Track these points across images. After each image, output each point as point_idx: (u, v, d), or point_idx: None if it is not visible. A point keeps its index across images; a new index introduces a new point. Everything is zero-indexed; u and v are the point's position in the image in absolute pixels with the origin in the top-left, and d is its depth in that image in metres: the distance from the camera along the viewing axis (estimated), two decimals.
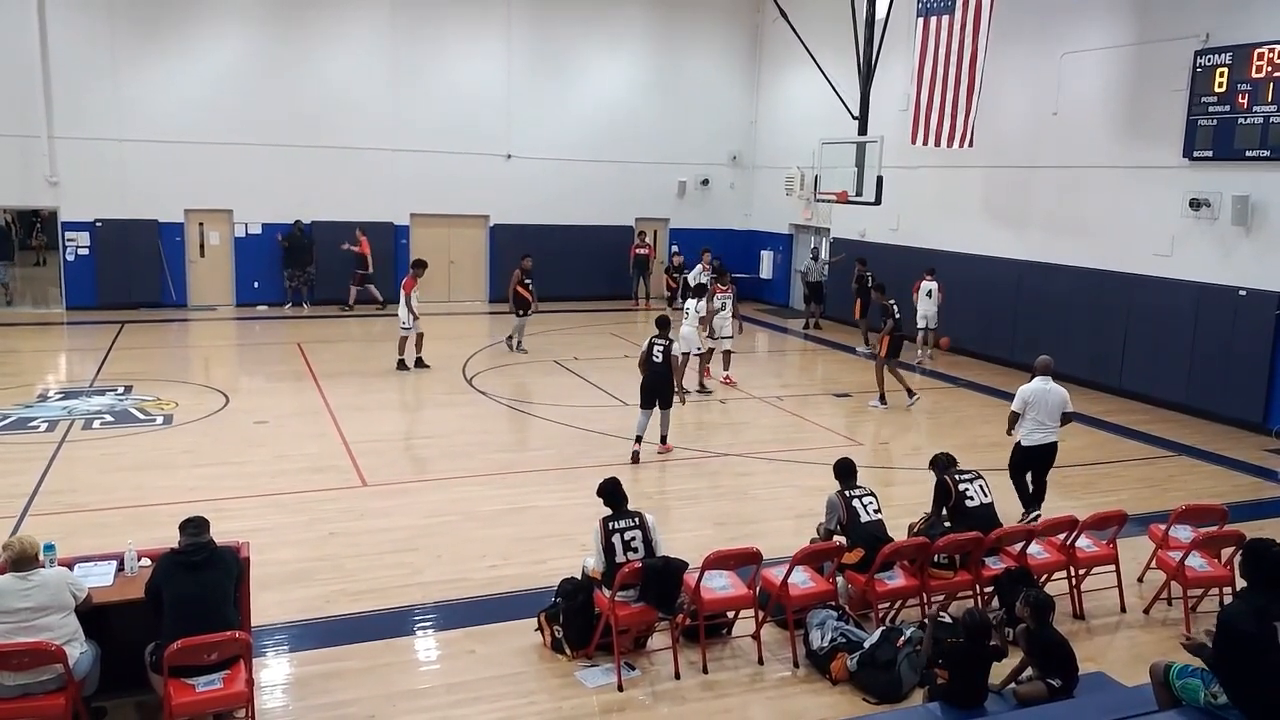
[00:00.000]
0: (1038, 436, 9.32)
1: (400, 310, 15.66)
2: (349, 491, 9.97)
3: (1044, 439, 9.33)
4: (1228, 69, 13.32)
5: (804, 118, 22.28)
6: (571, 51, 23.27)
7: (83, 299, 20.20)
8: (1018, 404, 9.38)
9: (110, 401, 13.14)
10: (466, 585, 7.84)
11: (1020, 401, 9.35)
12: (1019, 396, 9.39)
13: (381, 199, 21.97)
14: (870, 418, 13.98)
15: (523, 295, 17.12)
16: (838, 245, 21.85)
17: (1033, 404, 9.27)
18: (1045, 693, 5.83)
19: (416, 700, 6.18)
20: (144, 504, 9.22)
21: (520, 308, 17.18)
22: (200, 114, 20.32)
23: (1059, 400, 9.30)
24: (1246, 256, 13.54)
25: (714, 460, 11.57)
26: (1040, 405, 9.26)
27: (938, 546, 7.19)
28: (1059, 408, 9.29)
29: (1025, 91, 16.93)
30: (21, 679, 5.16)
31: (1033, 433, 9.33)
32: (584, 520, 8.88)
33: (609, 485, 6.90)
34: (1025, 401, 9.30)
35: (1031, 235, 17.01)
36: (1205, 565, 7.69)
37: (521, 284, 17.17)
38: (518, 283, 17.21)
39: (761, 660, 6.77)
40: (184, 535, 5.65)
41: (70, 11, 19.43)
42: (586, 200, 23.75)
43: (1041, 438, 9.32)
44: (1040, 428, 9.30)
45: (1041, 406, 9.26)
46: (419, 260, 16.28)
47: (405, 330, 15.64)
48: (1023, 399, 9.33)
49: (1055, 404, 9.27)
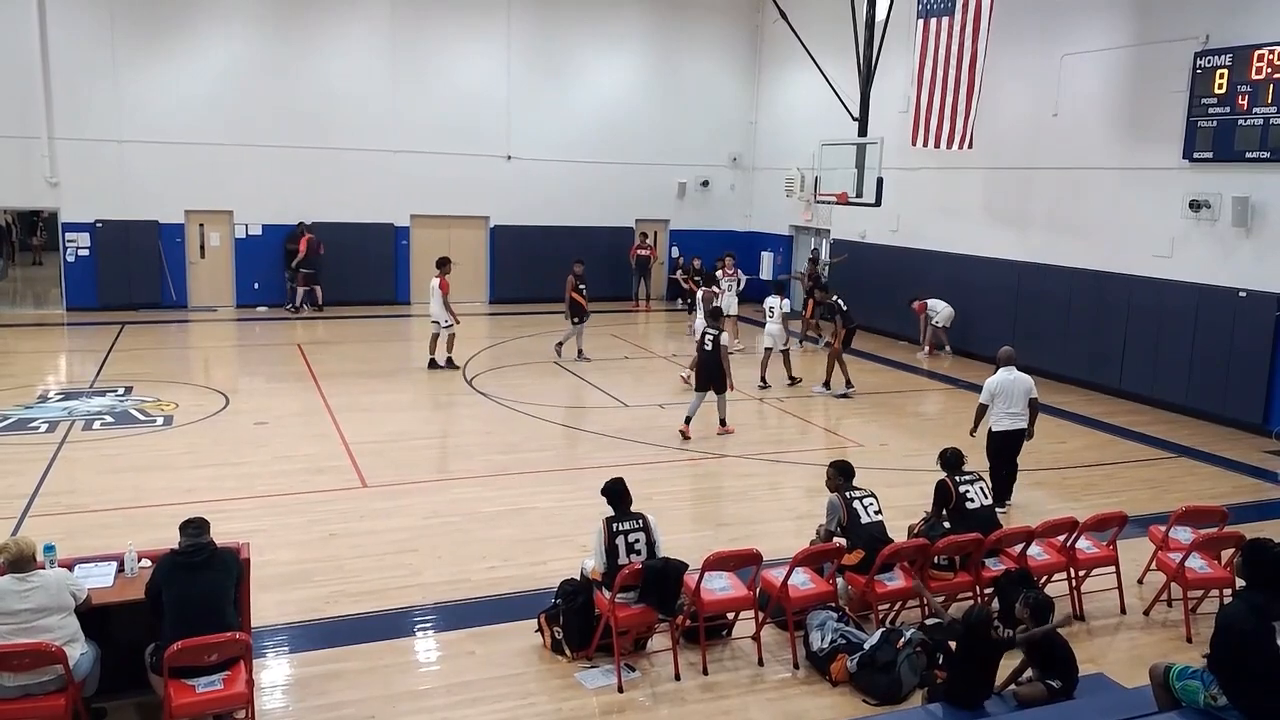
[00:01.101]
0: (1006, 423, 9.79)
1: (436, 309, 15.60)
2: (349, 492, 9.97)
3: (1012, 425, 9.75)
4: (1228, 70, 13.33)
5: (804, 119, 22.28)
6: (571, 52, 23.28)
7: (83, 300, 20.20)
8: (985, 396, 9.83)
9: (110, 402, 13.14)
10: (466, 586, 7.84)
11: (988, 393, 9.80)
12: (986, 389, 9.83)
13: (382, 200, 21.98)
14: (870, 418, 13.99)
15: (577, 301, 16.61)
16: (838, 246, 21.85)
17: (1000, 394, 9.73)
18: (1045, 694, 5.84)
19: (416, 701, 6.17)
20: (144, 505, 9.22)
21: (576, 314, 16.67)
22: (200, 115, 20.34)
23: (1024, 388, 9.76)
24: (1246, 258, 13.55)
25: (714, 461, 11.57)
26: (1008, 394, 9.71)
27: (938, 548, 7.19)
28: (1025, 395, 9.74)
29: (1025, 93, 16.94)
30: (22, 680, 5.16)
31: (1001, 419, 9.77)
32: (584, 521, 8.89)
33: (616, 486, 6.89)
34: (993, 393, 9.76)
35: (1031, 236, 17.02)
36: (1205, 567, 7.68)
37: (576, 290, 16.60)
38: (572, 289, 16.61)
39: (761, 661, 6.77)
40: (184, 536, 5.65)
41: (70, 12, 19.44)
42: (587, 201, 23.76)
43: (1010, 424, 9.79)
44: (1009, 415, 9.74)
45: (1009, 395, 9.71)
46: (444, 258, 16.12)
47: (445, 328, 15.64)
48: (990, 390, 9.78)
49: (1021, 392, 9.74)
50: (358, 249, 21.83)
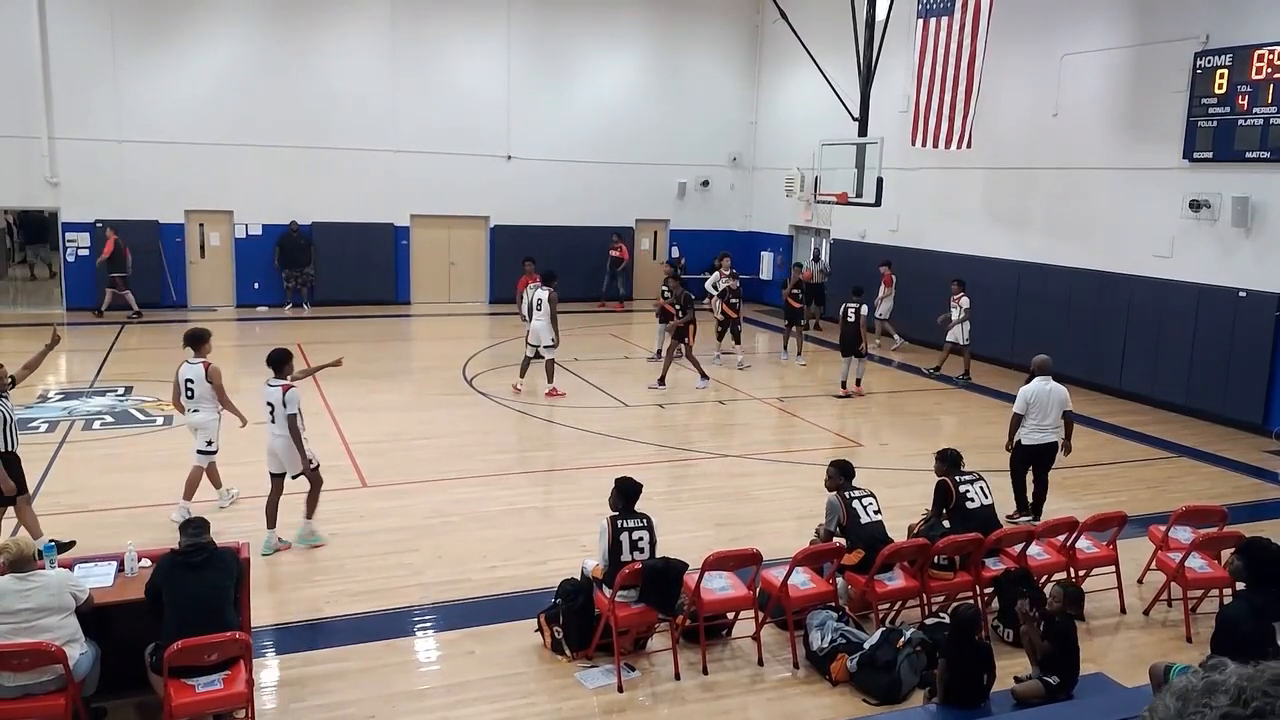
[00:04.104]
0: (1038, 436, 9.31)
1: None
2: (349, 492, 9.97)
3: (1042, 438, 9.32)
4: (1228, 70, 13.32)
5: (804, 119, 22.27)
6: (571, 52, 23.28)
7: (83, 300, 20.20)
8: (1019, 405, 9.36)
9: (110, 402, 13.14)
10: (466, 586, 7.84)
11: (1022, 403, 9.33)
12: (1020, 398, 9.37)
13: (382, 200, 21.97)
14: (870, 419, 14.00)
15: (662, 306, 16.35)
16: (838, 246, 21.86)
17: (1035, 404, 9.24)
18: (1042, 691, 5.84)
19: (416, 701, 6.18)
20: (144, 505, 9.23)
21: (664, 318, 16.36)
22: (200, 115, 20.33)
23: (1059, 399, 9.31)
24: (1246, 258, 13.55)
25: (714, 461, 11.57)
26: (1042, 405, 9.23)
27: (938, 548, 7.20)
28: (1059, 406, 9.29)
29: (1025, 93, 16.93)
30: (22, 679, 5.17)
31: (1033, 432, 9.31)
32: (584, 521, 8.90)
33: (629, 485, 6.88)
34: (1027, 402, 9.28)
35: (1031, 236, 17.01)
36: (1205, 566, 7.69)
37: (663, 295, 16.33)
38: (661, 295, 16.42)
39: (761, 661, 6.77)
40: (184, 536, 5.66)
41: (70, 12, 19.44)
42: (587, 201, 23.74)
43: (1041, 437, 9.31)
44: (1040, 428, 9.29)
45: (1043, 406, 9.23)
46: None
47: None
48: (1024, 400, 9.30)
49: (1055, 403, 9.28)
50: (358, 249, 21.83)
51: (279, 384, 8.24)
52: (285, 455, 8.24)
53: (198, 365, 9.08)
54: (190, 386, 9.02)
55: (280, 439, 8.20)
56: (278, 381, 8.27)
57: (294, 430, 8.12)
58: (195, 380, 9.00)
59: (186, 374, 9.03)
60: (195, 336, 9.24)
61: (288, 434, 8.13)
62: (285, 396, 8.11)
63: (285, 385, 8.22)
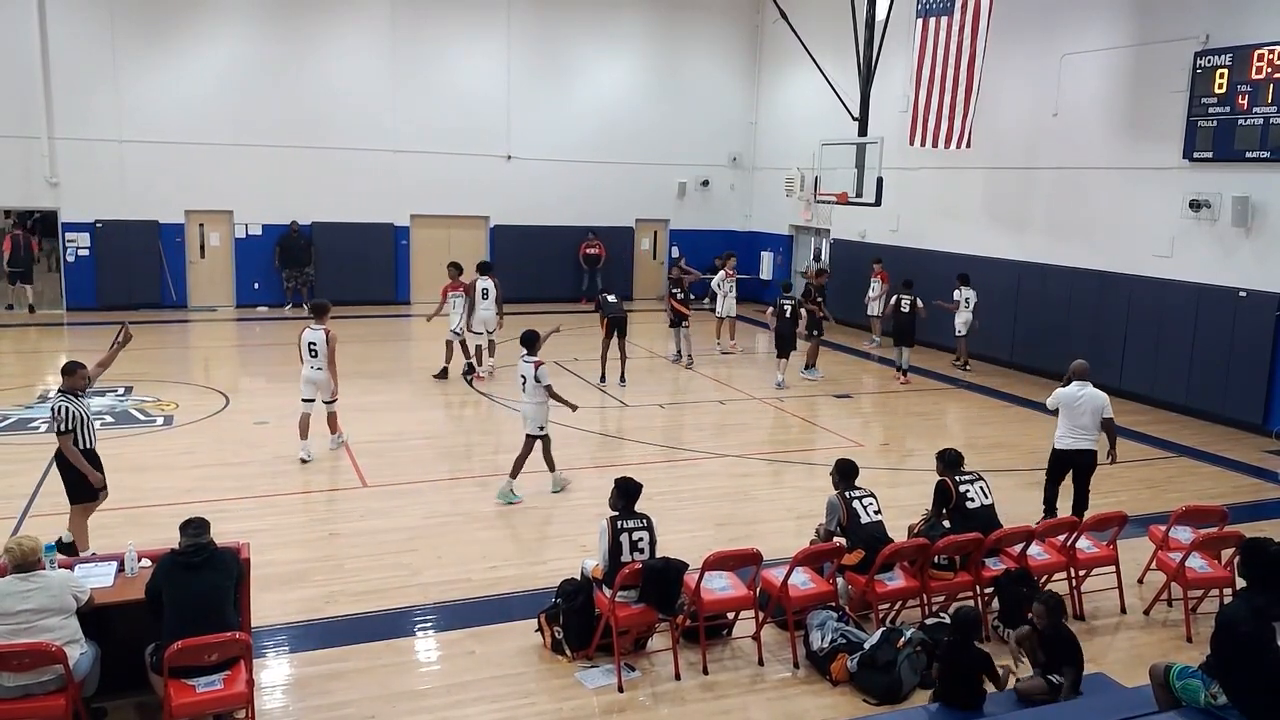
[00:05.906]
0: (1069, 441, 9.07)
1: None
2: (349, 492, 9.97)
3: (1075, 444, 9.04)
4: (1227, 70, 13.32)
5: (804, 119, 22.27)
6: (571, 52, 23.28)
7: (83, 300, 20.20)
8: (1051, 402, 9.29)
9: (110, 402, 13.13)
10: (466, 586, 7.84)
11: (1053, 400, 9.23)
12: (1052, 397, 9.28)
13: (382, 200, 21.97)
14: (871, 419, 13.99)
15: (674, 307, 16.59)
16: (838, 246, 21.85)
17: (1065, 407, 9.06)
18: (1045, 689, 5.85)
19: (416, 701, 6.18)
20: (144, 505, 9.22)
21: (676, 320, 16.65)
22: (200, 115, 20.33)
23: (1095, 406, 8.94)
24: (1246, 257, 13.54)
25: (714, 461, 11.57)
26: (1071, 410, 9.01)
27: (938, 548, 7.19)
28: (1096, 413, 8.94)
29: (1025, 92, 16.93)
30: (22, 680, 5.17)
31: (1065, 436, 9.11)
32: (584, 521, 8.91)
33: (629, 485, 6.89)
34: (1057, 402, 9.16)
35: (1031, 236, 17.01)
36: (1205, 566, 7.69)
37: (673, 295, 16.68)
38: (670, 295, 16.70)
39: (762, 661, 6.77)
40: (184, 536, 5.66)
41: (70, 12, 19.43)
42: (587, 201, 23.74)
43: (1073, 442, 9.04)
44: (1072, 432, 9.05)
45: (1073, 411, 9.00)
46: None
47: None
48: (1055, 399, 9.20)
49: (1092, 410, 8.94)
50: (358, 249, 21.83)
51: (531, 360, 9.77)
52: (534, 416, 9.79)
53: (320, 330, 10.80)
54: (314, 347, 10.78)
55: (530, 405, 9.78)
56: (530, 358, 9.79)
57: (554, 396, 9.80)
58: (318, 343, 10.75)
59: (309, 338, 10.77)
60: (319, 308, 11.10)
61: (543, 400, 9.74)
62: (537, 372, 9.68)
63: (536, 362, 9.75)
